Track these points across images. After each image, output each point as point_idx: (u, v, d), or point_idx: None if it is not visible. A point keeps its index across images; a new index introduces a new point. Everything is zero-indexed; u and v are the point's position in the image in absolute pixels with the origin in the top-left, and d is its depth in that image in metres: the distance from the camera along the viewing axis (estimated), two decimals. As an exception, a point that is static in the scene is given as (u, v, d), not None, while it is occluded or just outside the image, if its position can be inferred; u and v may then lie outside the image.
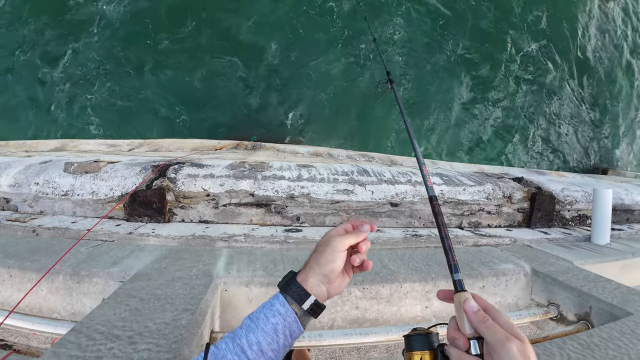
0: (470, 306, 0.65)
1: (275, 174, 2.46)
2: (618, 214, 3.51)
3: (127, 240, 2.00)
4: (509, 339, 0.56)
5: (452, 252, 0.81)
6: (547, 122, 8.17)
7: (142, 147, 4.66)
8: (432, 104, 6.95)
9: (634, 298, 1.66)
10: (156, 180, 2.31)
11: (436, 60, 7.01)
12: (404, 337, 0.74)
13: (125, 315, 1.21)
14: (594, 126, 8.90)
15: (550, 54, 8.18)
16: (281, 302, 0.77)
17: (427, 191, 0.99)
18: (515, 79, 7.71)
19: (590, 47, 8.87)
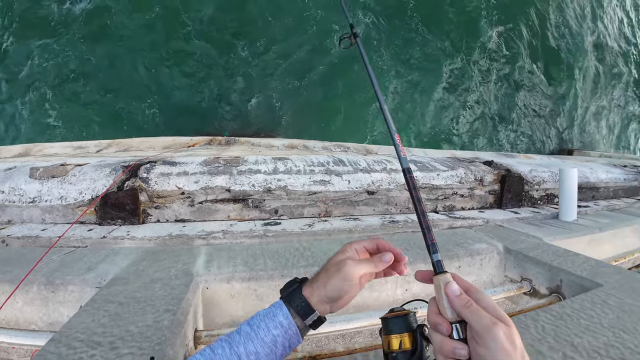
0: (452, 290, 0.62)
1: (251, 168, 2.44)
2: (584, 191, 3.68)
3: (100, 245, 1.95)
4: (495, 324, 0.55)
5: (430, 231, 0.74)
6: (515, 107, 8.44)
7: (110, 147, 4.51)
8: (400, 94, 7.01)
9: (602, 270, 1.74)
10: (127, 181, 2.25)
11: (405, 51, 7.04)
12: (381, 319, 0.72)
13: (105, 320, 1.19)
14: (560, 110, 9.25)
15: (516, 40, 8.39)
16: (284, 315, 0.73)
17: (401, 163, 0.89)
18: (482, 66, 7.90)
19: (555, 34, 9.16)
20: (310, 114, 6.42)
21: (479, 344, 0.56)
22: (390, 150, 5.05)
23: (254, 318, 0.75)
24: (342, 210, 2.50)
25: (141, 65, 5.83)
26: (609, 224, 2.75)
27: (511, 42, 8.29)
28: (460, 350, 0.57)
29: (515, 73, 8.37)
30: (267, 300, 1.56)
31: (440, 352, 0.60)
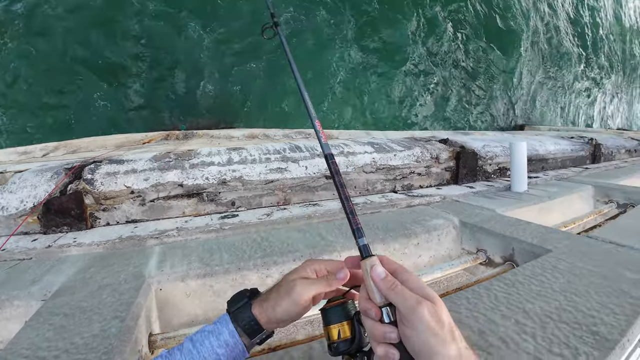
0: (377, 273, 0.61)
1: (204, 161, 2.36)
2: (534, 163, 3.85)
3: (46, 255, 1.83)
4: (420, 303, 0.54)
5: (354, 216, 0.72)
6: (470, 88, 8.72)
7: (58, 150, 4.26)
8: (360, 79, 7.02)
9: (552, 236, 1.82)
10: (71, 184, 2.11)
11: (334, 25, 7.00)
12: (320, 311, 0.71)
13: (50, 334, 1.13)
14: (512, 89, 9.64)
15: (467, 22, 8.57)
16: (231, 333, 0.69)
17: (322, 148, 0.86)
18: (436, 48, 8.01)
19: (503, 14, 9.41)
20: (270, 102, 6.32)
21: (405, 325, 0.55)
22: (349, 135, 5.07)
23: (198, 334, 0.70)
24: (301, 197, 2.48)
25: (88, 61, 5.48)
26: (558, 192, 2.88)
27: (462, 24, 8.46)
28: (390, 333, 0.57)
29: (467, 54, 8.60)
30: (225, 296, 1.52)
31: (372, 337, 0.60)
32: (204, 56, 5.96)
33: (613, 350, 0.96)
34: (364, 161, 2.68)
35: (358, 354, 0.65)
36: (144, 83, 5.71)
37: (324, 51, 6.71)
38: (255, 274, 1.56)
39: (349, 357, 0.66)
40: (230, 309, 0.72)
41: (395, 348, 0.57)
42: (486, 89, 8.99)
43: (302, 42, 6.51)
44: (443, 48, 8.09)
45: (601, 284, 1.32)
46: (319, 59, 6.66)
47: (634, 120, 16.16)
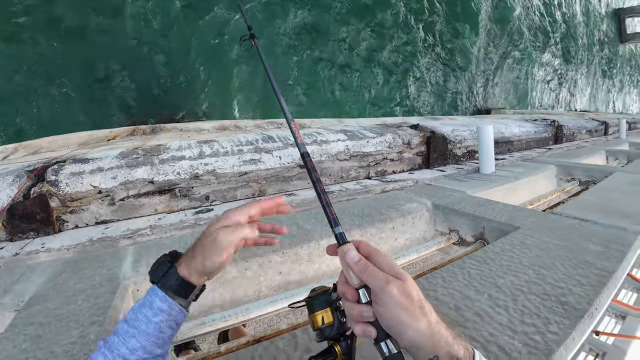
0: (351, 257, 0.64)
1: (174, 155, 2.31)
2: (500, 145, 3.99)
3: (14, 263, 1.75)
4: (388, 282, 0.57)
5: (329, 207, 0.76)
6: (439, 74, 8.84)
7: (17, 152, 4.03)
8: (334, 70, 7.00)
9: (519, 214, 1.91)
10: (34, 187, 2.02)
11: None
12: (305, 300, 0.73)
13: (27, 345, 1.09)
14: (479, 73, 9.86)
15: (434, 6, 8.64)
16: (161, 298, 0.68)
17: (298, 148, 0.91)
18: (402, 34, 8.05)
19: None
20: (240, 93, 6.20)
21: (378, 303, 0.58)
22: (322, 123, 5.06)
23: (130, 312, 0.68)
24: (276, 188, 2.47)
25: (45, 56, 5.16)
26: (523, 172, 3.01)
27: (429, 10, 8.53)
28: (366, 312, 0.60)
29: (434, 40, 8.70)
30: (206, 292, 1.51)
31: (351, 317, 0.63)
32: (171, 47, 5.76)
33: (582, 318, 1.02)
34: (337, 149, 2.69)
35: (342, 337, 0.68)
36: (108, 77, 5.46)
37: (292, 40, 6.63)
38: (234, 267, 1.56)
39: (333, 341, 0.69)
40: (155, 279, 0.71)
41: (372, 325, 0.60)
42: (453, 75, 9.17)
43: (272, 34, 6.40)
44: (411, 34, 8.15)
45: (567, 257, 1.39)
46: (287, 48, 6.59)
47: (594, 102, 16.92)
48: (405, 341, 0.57)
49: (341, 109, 7.09)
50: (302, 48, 6.71)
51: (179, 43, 5.82)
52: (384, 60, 7.70)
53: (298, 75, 6.68)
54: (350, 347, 0.68)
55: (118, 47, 5.50)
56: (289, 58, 6.61)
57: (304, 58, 6.73)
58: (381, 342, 0.59)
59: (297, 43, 6.67)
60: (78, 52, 5.31)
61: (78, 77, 5.31)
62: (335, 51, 7.09)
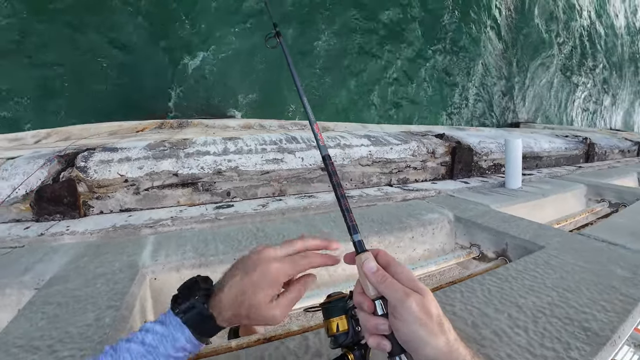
0: (369, 267, 0.62)
1: (200, 150, 2.34)
2: (528, 160, 3.88)
3: (38, 243, 1.81)
4: (408, 295, 0.55)
5: (349, 213, 0.74)
6: (467, 83, 8.69)
7: (50, 137, 4.19)
8: (359, 72, 6.98)
9: (544, 233, 1.84)
10: (63, 172, 2.08)
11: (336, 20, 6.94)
12: (321, 305, 0.72)
13: (43, 324, 1.12)
14: (509, 85, 9.65)
15: (470, 17, 8.53)
16: (187, 338, 0.63)
17: (320, 150, 0.88)
18: (431, 40, 7.97)
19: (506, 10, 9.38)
20: (265, 93, 6.27)
21: (395, 317, 0.56)
22: (345, 127, 5.06)
23: (148, 335, 0.62)
24: (296, 188, 2.47)
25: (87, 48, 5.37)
26: (551, 190, 2.91)
27: (463, 20, 8.42)
28: (381, 325, 0.58)
29: (466, 51, 8.56)
30: (220, 286, 1.52)
31: (365, 329, 0.61)
32: (202, 45, 5.89)
33: (604, 346, 0.97)
34: (360, 154, 2.67)
35: (356, 346, 0.67)
36: (139, 70, 5.62)
37: (323, 40, 6.66)
38: (250, 265, 1.56)
39: (347, 349, 0.68)
40: (182, 313, 0.64)
41: (387, 339, 0.58)
42: (481, 86, 8.99)
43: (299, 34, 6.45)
44: (434, 43, 8.06)
45: (593, 281, 1.34)
46: (316, 47, 6.62)
47: (629, 121, 16.29)
48: (421, 357, 0.55)
49: (363, 113, 7.05)
50: (327, 49, 6.73)
51: (207, 39, 5.93)
52: (408, 67, 7.63)
53: (321, 76, 6.68)
54: (364, 357, 0.67)
55: (147, 41, 5.66)
56: (313, 57, 6.63)
57: (329, 59, 6.74)
58: (395, 356, 0.58)
59: (322, 43, 6.69)
60: (113, 43, 5.49)
61: (112, 69, 5.49)
62: (361, 55, 7.07)
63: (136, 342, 0.62)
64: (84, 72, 5.40)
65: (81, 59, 5.37)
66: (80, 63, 5.37)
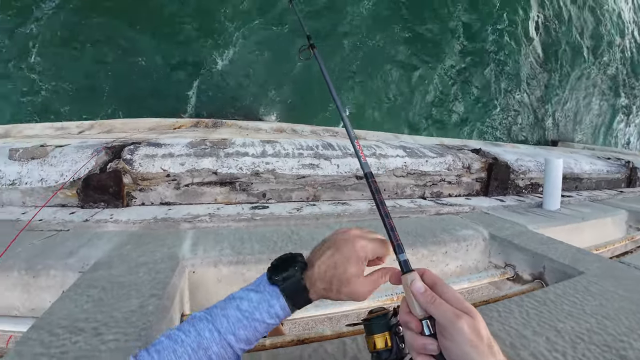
0: (417, 287, 0.63)
1: (239, 151, 2.40)
2: (568, 181, 3.75)
3: (83, 229, 1.90)
4: (459, 317, 0.55)
5: (394, 232, 0.73)
6: (503, 97, 8.48)
7: (93, 129, 4.39)
8: (379, 76, 6.96)
9: (584, 258, 1.78)
10: (110, 163, 2.18)
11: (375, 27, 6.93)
12: (363, 321, 0.73)
13: (88, 306, 1.16)
14: (547, 102, 9.34)
15: (505, 28, 8.37)
16: (282, 307, 0.67)
17: (362, 167, 0.87)
18: (468, 52, 7.86)
19: (548, 25, 9.16)
20: (298, 98, 6.35)
21: (445, 337, 0.57)
22: (377, 137, 5.05)
23: (243, 302, 0.68)
24: (330, 195, 2.49)
25: (128, 45, 5.63)
26: (591, 214, 2.81)
27: (503, 32, 8.27)
28: (430, 345, 0.58)
29: (504, 64, 8.39)
30: (255, 285, 1.55)
31: (412, 349, 0.61)
32: (233, 47, 6.03)
33: (640, 375, 0.95)
34: (395, 165, 2.67)
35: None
36: (176, 70, 5.83)
37: (357, 49, 6.70)
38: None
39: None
40: (285, 289, 0.68)
41: (434, 359, 0.59)
42: (519, 100, 8.75)
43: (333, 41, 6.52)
44: (475, 55, 7.94)
45: (632, 310, 1.30)
46: (350, 55, 6.66)
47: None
48: None
49: (393, 123, 7.01)
50: (357, 57, 6.74)
51: (241, 43, 6.07)
52: (440, 78, 7.53)
53: (352, 85, 6.71)
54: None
55: (185, 42, 5.86)
56: (344, 65, 6.65)
57: (360, 67, 6.75)
58: None
59: (353, 52, 6.71)
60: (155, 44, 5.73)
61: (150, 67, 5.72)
62: (393, 64, 7.05)
63: (232, 308, 0.67)
64: (126, 69, 5.66)
65: (124, 56, 5.63)
66: (124, 60, 5.63)
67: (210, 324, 0.66)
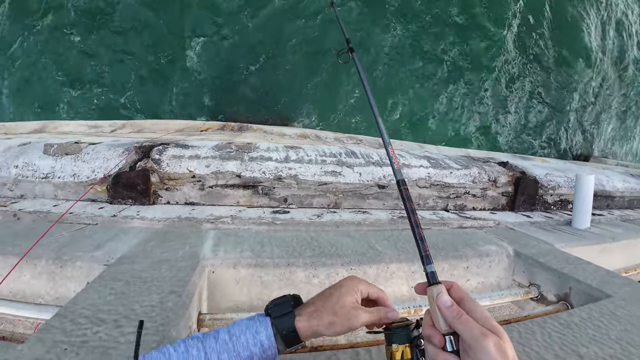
0: (443, 301, 0.62)
1: (263, 155, 2.43)
2: (599, 199, 3.60)
3: (110, 223, 1.97)
4: (485, 335, 0.54)
5: (424, 242, 0.73)
6: (532, 108, 8.26)
7: (124, 128, 4.56)
8: (406, 84, 6.91)
9: (613, 280, 1.71)
10: (140, 162, 2.26)
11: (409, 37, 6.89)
12: (384, 330, 0.72)
13: (111, 298, 1.20)
14: (578, 115, 9.03)
15: (536, 39, 8.18)
16: (268, 336, 0.69)
17: (395, 174, 0.86)
18: (500, 63, 7.71)
19: (581, 36, 8.89)
20: (323, 105, 6.39)
21: (469, 355, 0.55)
22: (402, 145, 5.01)
23: (235, 327, 0.70)
24: (351, 203, 2.48)
25: (159, 49, 5.84)
26: (622, 234, 2.69)
27: (532, 43, 8.09)
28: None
29: (532, 76, 8.18)
30: (272, 288, 1.56)
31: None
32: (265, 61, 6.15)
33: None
34: (418, 175, 2.64)
35: None
36: (204, 74, 5.99)
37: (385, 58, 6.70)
38: (303, 272, 1.59)
39: None
40: (272, 314, 0.72)
41: None
42: (548, 113, 8.48)
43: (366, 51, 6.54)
44: (503, 66, 7.77)
45: (658, 338, 1.24)
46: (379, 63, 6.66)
47: None
48: None
49: (418, 131, 6.93)
50: (391, 65, 6.73)
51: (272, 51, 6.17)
52: (468, 88, 7.40)
53: (380, 92, 6.70)
54: None
55: (214, 49, 6.01)
56: (373, 72, 6.66)
57: (386, 76, 6.74)
58: None
59: (387, 59, 6.70)
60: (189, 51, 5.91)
61: (180, 71, 5.90)
62: (421, 75, 6.99)
63: (223, 331, 0.70)
64: (158, 72, 5.85)
65: (156, 60, 5.83)
66: (156, 64, 5.83)
67: (200, 342, 0.68)
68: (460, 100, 7.32)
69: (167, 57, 5.86)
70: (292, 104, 6.26)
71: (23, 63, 5.74)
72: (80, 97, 5.74)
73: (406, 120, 6.87)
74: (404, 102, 6.84)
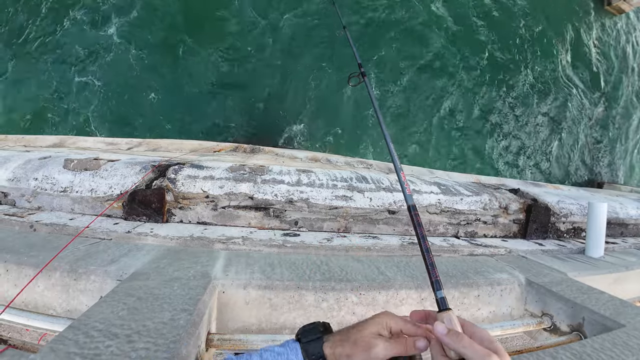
0: (439, 331, 0.64)
1: (275, 178, 2.47)
2: (612, 227, 3.55)
3: (124, 239, 2.00)
4: (489, 356, 0.56)
5: (434, 268, 0.75)
6: (545, 134, 8.25)
7: (141, 146, 4.66)
8: (416, 109, 6.99)
9: (626, 310, 1.68)
10: (156, 180, 2.31)
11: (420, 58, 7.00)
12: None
13: (124, 313, 1.21)
14: (591, 141, 8.97)
15: (552, 66, 8.25)
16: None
17: (406, 200, 0.89)
18: (512, 86, 7.77)
19: (597, 59, 8.94)
20: (334, 129, 6.47)
21: None
22: (411, 171, 5.03)
23: (268, 354, 0.73)
24: (361, 227, 2.49)
25: (177, 73, 6.04)
26: (637, 262, 2.65)
27: (547, 68, 8.15)
28: None
29: (545, 100, 8.21)
30: (281, 311, 1.56)
31: None
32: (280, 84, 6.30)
33: None
34: (428, 201, 2.65)
35: None
36: (225, 98, 6.15)
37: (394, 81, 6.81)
38: (312, 295, 1.59)
39: None
40: (302, 339, 0.75)
41: None
42: (560, 139, 8.44)
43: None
44: (514, 89, 7.82)
45: (670, 368, 1.21)
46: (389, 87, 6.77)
47: None
48: None
49: (426, 157, 6.95)
50: (395, 88, 6.82)
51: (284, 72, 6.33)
52: (479, 113, 7.44)
53: (390, 116, 6.77)
54: None
55: (229, 72, 6.18)
56: (383, 95, 6.75)
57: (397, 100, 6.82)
58: None
59: (392, 83, 6.80)
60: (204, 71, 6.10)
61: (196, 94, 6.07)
62: (428, 98, 7.07)
63: (256, 356, 0.73)
64: (175, 94, 6.02)
65: (175, 82, 6.02)
66: (173, 86, 6.01)
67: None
68: (471, 125, 7.36)
69: (180, 78, 6.05)
70: (303, 126, 6.36)
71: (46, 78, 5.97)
72: (97, 114, 5.91)
73: (416, 144, 6.91)
74: (415, 126, 6.90)
